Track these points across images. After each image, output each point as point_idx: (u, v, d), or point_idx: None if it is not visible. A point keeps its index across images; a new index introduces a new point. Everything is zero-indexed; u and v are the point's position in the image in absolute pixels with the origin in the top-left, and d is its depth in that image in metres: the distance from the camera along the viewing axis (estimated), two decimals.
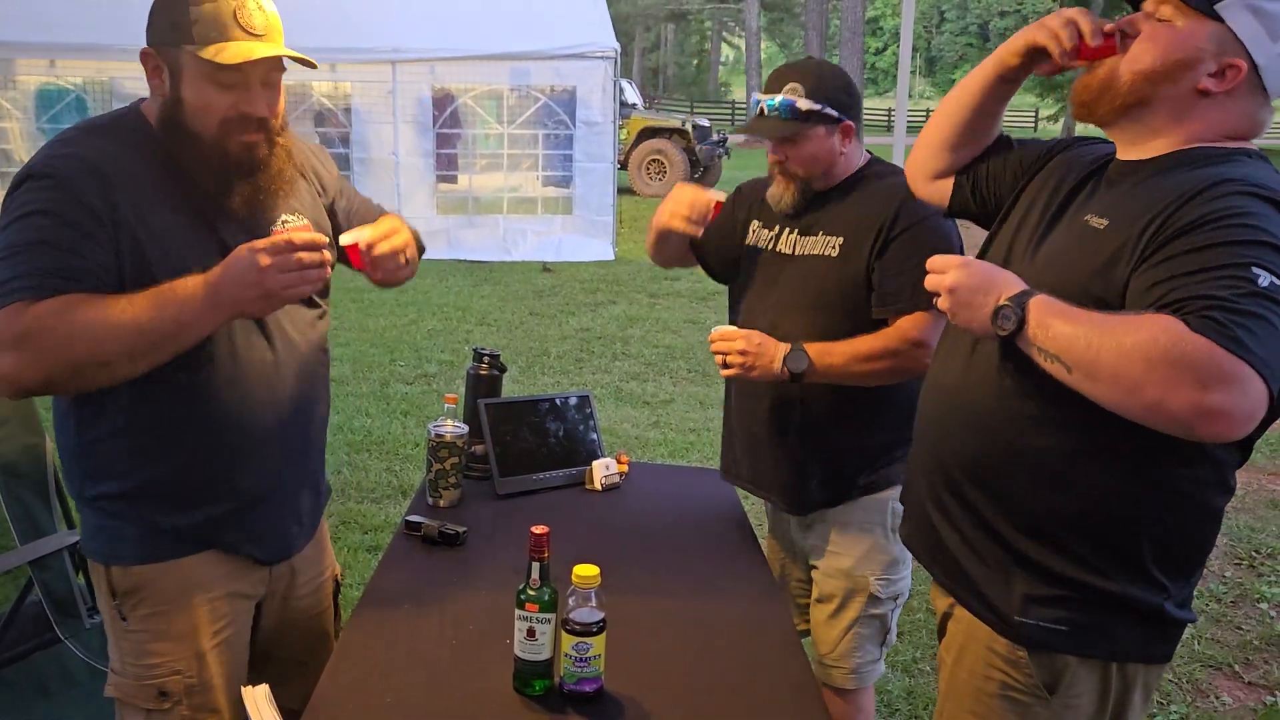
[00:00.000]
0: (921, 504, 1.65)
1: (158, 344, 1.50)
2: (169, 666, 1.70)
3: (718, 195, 2.27)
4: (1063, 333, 1.29)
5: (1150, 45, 1.41)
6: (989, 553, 1.53)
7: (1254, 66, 1.37)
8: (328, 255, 1.53)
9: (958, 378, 1.57)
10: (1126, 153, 1.50)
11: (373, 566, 3.63)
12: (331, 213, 1.90)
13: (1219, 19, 1.36)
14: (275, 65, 1.61)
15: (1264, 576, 3.99)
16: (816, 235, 2.16)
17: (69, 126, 1.66)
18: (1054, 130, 35.13)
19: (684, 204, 2.22)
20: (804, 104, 2.07)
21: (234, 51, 1.53)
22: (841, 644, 2.22)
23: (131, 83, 9.97)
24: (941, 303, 1.44)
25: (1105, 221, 1.42)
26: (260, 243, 1.49)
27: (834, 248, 2.12)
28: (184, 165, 1.60)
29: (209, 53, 1.53)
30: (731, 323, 2.32)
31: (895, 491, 2.05)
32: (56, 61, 10.00)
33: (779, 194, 2.18)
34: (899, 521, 1.88)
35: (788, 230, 2.21)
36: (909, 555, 2.21)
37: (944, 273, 1.43)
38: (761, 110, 2.11)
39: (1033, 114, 42.18)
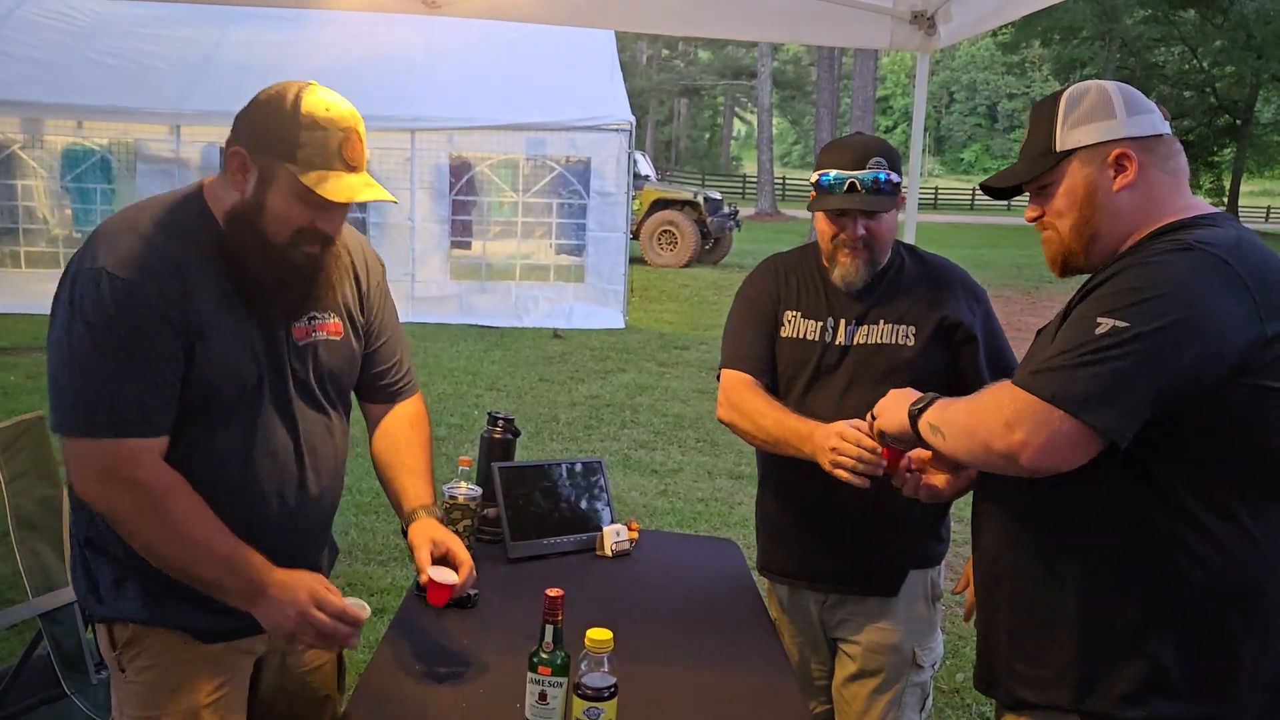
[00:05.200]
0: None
1: (190, 577, 1.63)
2: None
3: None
4: (944, 411, 1.61)
5: (1060, 216, 1.56)
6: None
7: (1129, 139, 1.51)
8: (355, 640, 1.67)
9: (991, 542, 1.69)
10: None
11: (378, 629, 3.62)
12: (367, 331, 1.93)
13: (1072, 151, 1.53)
14: None
15: None
16: (878, 324, 2.14)
17: (131, 206, 1.69)
18: None
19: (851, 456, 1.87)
20: (894, 176, 2.10)
21: (336, 187, 1.60)
22: (888, 717, 2.21)
23: (156, 144, 10.20)
24: (878, 424, 1.79)
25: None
26: (318, 593, 1.62)
27: (908, 336, 2.12)
28: (246, 264, 1.65)
29: (311, 180, 1.59)
30: None
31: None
32: (84, 123, 10.23)
33: (852, 271, 2.12)
34: (935, 590, 2.00)
35: (843, 322, 2.16)
36: (938, 619, 2.27)
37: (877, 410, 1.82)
38: (854, 185, 2.06)
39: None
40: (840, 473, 1.86)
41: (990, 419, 1.44)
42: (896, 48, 3.30)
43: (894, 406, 1.75)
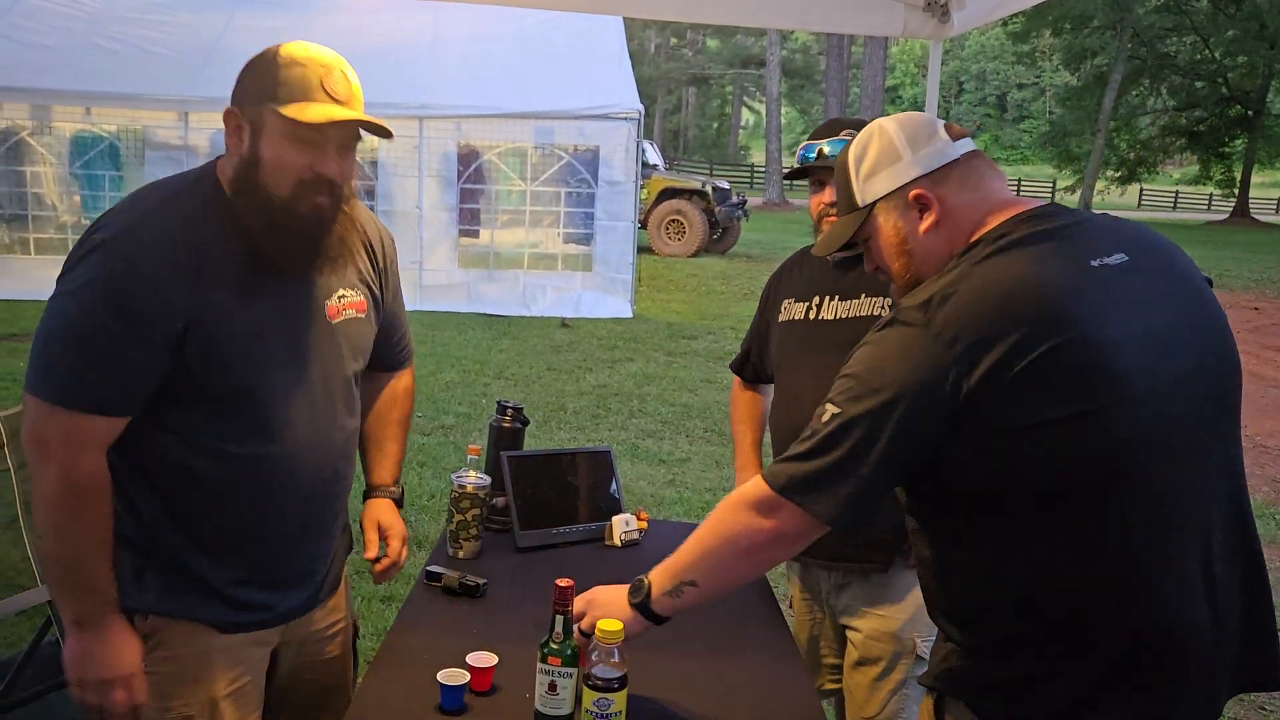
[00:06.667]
0: None
1: (59, 572, 1.64)
2: (181, 711, 1.70)
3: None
4: (672, 564, 1.60)
5: (886, 261, 1.57)
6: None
7: (922, 178, 1.50)
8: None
9: None
10: None
11: (386, 616, 3.63)
12: (382, 305, 1.94)
13: (874, 204, 1.54)
14: (352, 132, 1.65)
15: None
16: (859, 298, 2.19)
17: (147, 185, 1.69)
18: (1071, 200, 35.32)
19: None
20: None
21: (316, 111, 1.57)
22: (889, 706, 2.21)
23: (164, 131, 10.20)
24: (585, 623, 1.67)
25: None
26: (141, 675, 1.65)
27: (883, 308, 2.15)
28: (251, 228, 1.62)
29: (292, 110, 1.56)
30: (777, 400, 2.33)
31: None
32: (92, 109, 10.23)
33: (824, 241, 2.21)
34: None
35: (827, 298, 2.23)
36: None
37: (584, 617, 1.68)
38: (820, 153, 2.17)
39: (1050, 184, 42.48)
40: None
41: (741, 521, 1.50)
42: (910, 35, 3.27)
43: (608, 609, 1.65)
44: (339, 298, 1.77)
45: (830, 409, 1.41)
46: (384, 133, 1.66)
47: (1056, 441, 1.32)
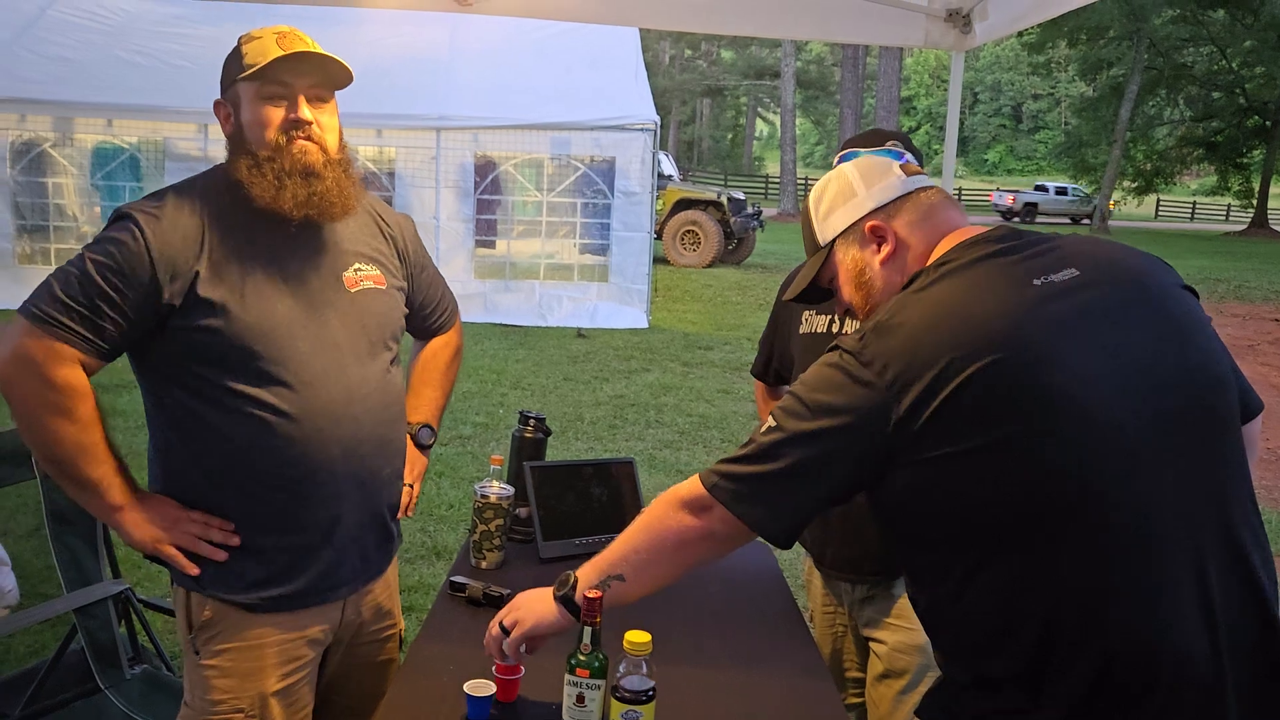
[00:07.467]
0: None
1: (70, 475, 1.69)
2: (232, 705, 1.74)
3: None
4: (600, 559, 1.59)
5: (848, 295, 1.60)
6: None
7: (877, 210, 1.54)
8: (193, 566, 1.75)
9: None
10: None
11: (409, 629, 3.62)
12: (410, 280, 2.03)
13: (833, 240, 1.59)
14: (318, 81, 1.75)
15: None
16: None
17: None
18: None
19: None
20: (912, 160, 2.11)
21: (271, 56, 1.68)
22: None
23: (185, 143, 10.27)
24: (516, 632, 1.66)
25: None
26: (153, 540, 1.72)
27: None
28: (246, 185, 1.70)
29: (253, 71, 1.69)
30: None
31: None
32: (114, 121, 10.32)
33: None
34: None
35: (849, 315, 2.21)
36: None
37: (506, 614, 1.69)
38: None
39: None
40: None
41: (672, 518, 1.50)
42: (931, 46, 3.27)
43: (533, 606, 1.66)
44: (355, 270, 1.84)
45: (771, 421, 1.41)
46: (344, 74, 1.75)
47: (998, 467, 1.28)
